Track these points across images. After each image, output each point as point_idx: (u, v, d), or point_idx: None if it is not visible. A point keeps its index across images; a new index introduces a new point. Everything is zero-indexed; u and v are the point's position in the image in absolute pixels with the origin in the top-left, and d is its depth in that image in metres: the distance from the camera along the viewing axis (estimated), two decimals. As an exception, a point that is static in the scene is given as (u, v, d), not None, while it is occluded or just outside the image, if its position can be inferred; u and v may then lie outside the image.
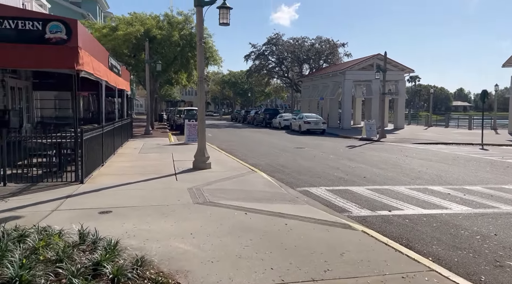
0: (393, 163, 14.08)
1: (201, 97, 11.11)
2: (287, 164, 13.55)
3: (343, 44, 52.99)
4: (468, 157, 16.39)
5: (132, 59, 29.04)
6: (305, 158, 15.28)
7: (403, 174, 11.55)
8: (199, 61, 10.99)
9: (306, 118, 31.02)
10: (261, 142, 22.70)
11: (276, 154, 16.78)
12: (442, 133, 30.50)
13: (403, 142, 23.87)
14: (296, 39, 55.16)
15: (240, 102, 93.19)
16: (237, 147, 19.81)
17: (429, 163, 14.32)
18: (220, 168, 11.40)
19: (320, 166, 13.10)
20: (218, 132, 32.39)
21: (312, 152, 17.50)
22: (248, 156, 15.80)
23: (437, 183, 10.22)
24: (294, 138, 25.95)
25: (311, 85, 45.00)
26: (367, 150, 19.05)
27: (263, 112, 43.03)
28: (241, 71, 78.05)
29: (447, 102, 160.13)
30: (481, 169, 12.77)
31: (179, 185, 8.76)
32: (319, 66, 53.87)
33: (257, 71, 57.61)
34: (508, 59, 30.37)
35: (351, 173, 11.79)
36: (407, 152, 18.28)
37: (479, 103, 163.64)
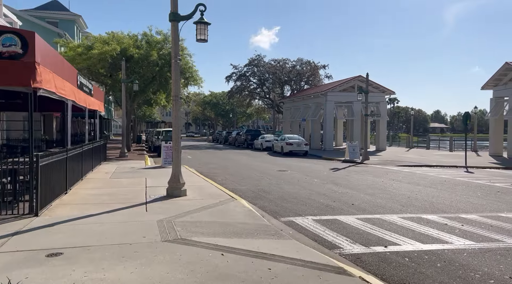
0: (380, 188, 13.40)
1: (176, 116, 10.23)
2: (270, 189, 12.69)
3: (324, 66, 53.39)
4: (455, 180, 15.90)
5: (109, 79, 28.00)
6: (289, 182, 14.47)
7: (393, 201, 10.84)
8: (174, 79, 10.18)
9: (289, 139, 30.41)
10: (242, 164, 21.83)
11: (258, 177, 15.92)
12: (424, 155, 30.31)
13: (387, 164, 23.41)
14: (277, 61, 55.28)
15: (221, 123, 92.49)
16: (217, 170, 18.87)
17: (418, 187, 13.71)
18: (197, 195, 10.44)
19: (305, 191, 12.29)
20: (198, 154, 31.37)
21: (295, 175, 16.72)
22: (229, 180, 14.88)
23: (430, 210, 9.53)
24: (276, 161, 25.18)
25: (293, 106, 44.73)
26: (351, 173, 18.40)
27: (245, 133, 42.31)
28: (222, 92, 77.69)
29: (424, 124, 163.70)
30: (472, 194, 12.20)
31: (148, 217, 7.76)
32: (300, 88, 53.90)
33: (239, 92, 57.23)
34: (487, 81, 30.75)
35: (338, 199, 11.01)
36: (392, 175, 17.71)
37: (455, 124, 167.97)
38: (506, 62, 28.15)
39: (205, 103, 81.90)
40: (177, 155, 10.34)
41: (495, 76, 29.75)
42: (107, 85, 29.83)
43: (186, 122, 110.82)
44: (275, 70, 53.27)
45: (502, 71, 28.93)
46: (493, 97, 30.66)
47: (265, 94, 56.91)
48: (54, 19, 40.73)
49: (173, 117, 10.23)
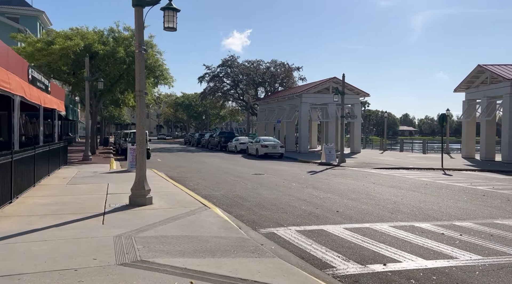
0: (363, 192, 12.63)
1: (141, 114, 9.03)
2: (246, 195, 11.65)
3: (298, 68, 52.96)
4: (436, 183, 15.40)
5: (72, 77, 26.19)
6: (266, 187, 13.48)
7: (379, 206, 10.04)
8: (138, 72, 8.98)
9: (264, 142, 29.49)
10: (216, 168, 20.69)
11: (233, 182, 14.85)
12: (399, 158, 30.13)
13: (364, 166, 22.87)
14: (251, 62, 54.43)
15: (194, 125, 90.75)
16: (189, 174, 17.66)
17: (401, 191, 13.04)
18: (165, 203, 9.27)
19: (285, 197, 11.33)
20: (169, 156, 29.94)
21: (272, 179, 15.76)
22: (201, 185, 13.74)
23: (421, 218, 8.77)
24: (251, 163, 24.18)
25: (267, 108, 43.93)
26: (330, 176, 17.64)
27: (218, 135, 41.12)
28: (195, 94, 76.11)
29: (394, 127, 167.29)
30: (459, 198, 11.61)
31: (104, 231, 6.55)
32: (274, 90, 53.24)
33: (212, 94, 55.95)
34: (459, 84, 30.97)
35: (320, 205, 10.11)
36: (372, 178, 17.07)
37: (423, 128, 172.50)
38: (478, 64, 28.36)
39: (177, 104, 79.99)
40: (141, 157, 9.13)
41: (467, 79, 29.96)
42: (70, 84, 27.95)
43: (157, 124, 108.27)
44: (249, 71, 52.36)
45: (475, 74, 29.15)
46: (465, 99, 30.88)
47: (239, 95, 55.88)
48: (14, 14, 38.25)
49: (137, 115, 9.02)
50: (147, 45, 25.73)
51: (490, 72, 27.09)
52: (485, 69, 27.71)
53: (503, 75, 25.58)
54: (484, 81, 28.78)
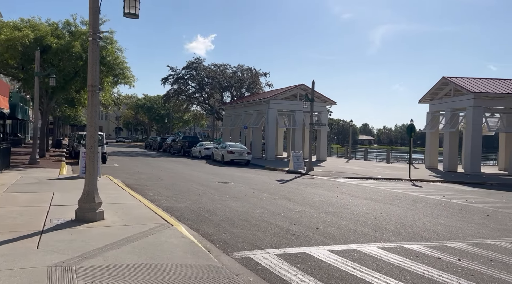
0: (339, 205, 11.80)
1: (93, 112, 7.64)
2: (214, 208, 10.45)
3: (265, 73, 52.33)
4: (410, 195, 14.90)
5: (21, 72, 23.84)
6: (235, 198, 12.34)
7: (360, 223, 9.18)
8: (92, 64, 7.61)
9: (230, 147, 28.33)
10: (179, 175, 19.27)
11: (198, 191, 13.58)
12: (365, 167, 29.96)
13: (332, 175, 22.28)
14: (218, 66, 53.20)
15: (155, 129, 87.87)
16: (149, 181, 16.17)
17: (377, 204, 12.33)
18: (119, 219, 7.91)
19: (257, 210, 10.24)
20: (128, 161, 28.04)
21: (241, 189, 14.64)
22: (163, 196, 12.38)
23: (409, 237, 7.97)
24: (217, 170, 22.93)
25: (233, 113, 42.82)
26: (301, 185, 16.77)
27: (182, 139, 39.46)
28: (157, 96, 73.61)
29: (354, 136, 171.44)
30: (438, 214, 11.02)
31: (37, 259, 5.16)
32: (241, 95, 52.27)
33: (176, 96, 54.08)
34: (423, 95, 31.36)
35: (297, 221, 9.11)
36: (344, 188, 16.37)
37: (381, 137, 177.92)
38: (443, 77, 28.79)
39: (138, 106, 77.03)
40: (92, 164, 7.74)
41: (431, 90, 30.37)
42: (20, 79, 25.50)
43: (116, 126, 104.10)
44: (216, 75, 51.08)
45: (439, 86, 29.58)
46: (429, 111, 31.30)
47: (204, 99, 54.36)
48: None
49: (89, 114, 7.64)
50: (107, 41, 23.95)
51: (454, 85, 27.53)
52: (449, 81, 28.16)
53: (467, 88, 26.01)
54: (448, 93, 29.27)
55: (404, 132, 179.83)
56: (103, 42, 24.13)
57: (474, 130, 25.67)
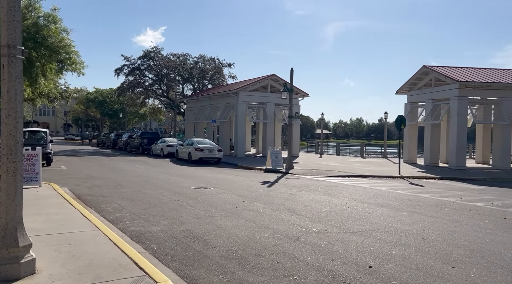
0: (359, 218, 9.24)
1: (11, 93, 4.39)
2: (204, 231, 7.47)
3: (230, 64, 49.16)
4: (425, 199, 12.71)
5: None
6: (225, 212, 9.41)
7: (414, 249, 6.64)
8: (7, 7, 4.34)
9: (198, 144, 25.15)
10: (142, 179, 15.96)
11: (173, 203, 10.49)
12: (343, 163, 27.95)
13: (316, 174, 19.90)
14: (178, 56, 49.31)
15: (108, 125, 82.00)
16: (106, 189, 12.80)
17: (402, 214, 9.93)
18: (62, 271, 4.78)
19: (263, 233, 7.40)
20: (78, 162, 24.07)
21: (226, 197, 11.70)
22: (127, 212, 9.20)
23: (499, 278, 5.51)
24: (186, 171, 19.76)
25: (197, 106, 39.41)
26: (292, 189, 14.11)
27: (140, 136, 35.59)
28: (110, 89, 68.15)
29: (312, 130, 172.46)
30: (486, 226, 8.78)
31: None
32: (203, 87, 48.79)
33: (131, 89, 49.57)
34: (401, 86, 29.80)
35: (330, 251, 6.39)
36: (342, 191, 13.93)
37: (337, 131, 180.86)
38: (424, 65, 27.28)
39: (89, 101, 70.98)
40: (13, 180, 4.52)
41: (410, 81, 28.85)
42: None
43: (65, 123, 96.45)
44: (176, 65, 47.18)
45: (419, 75, 28.09)
46: (407, 102, 29.83)
47: (163, 92, 50.23)
48: None
49: (3, 94, 4.39)
50: (49, 19, 19.88)
51: (437, 74, 26.07)
52: (431, 70, 26.69)
53: (452, 77, 24.57)
54: (428, 83, 27.85)
55: (358, 125, 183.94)
56: (43, 20, 20.04)
57: (459, 122, 24.30)
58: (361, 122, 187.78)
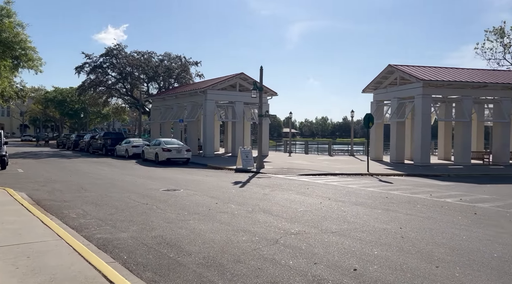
0: (335, 217, 9.10)
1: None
2: (177, 237, 7.02)
3: (196, 62, 48.22)
4: (396, 196, 12.83)
5: None
6: (198, 215, 8.98)
7: (395, 249, 6.53)
8: None
9: (166, 145, 24.39)
10: (107, 181, 15.17)
11: (142, 207, 9.92)
12: (312, 161, 28.08)
13: (287, 173, 19.80)
14: (142, 53, 47.84)
15: (69, 125, 78.70)
16: (67, 193, 12.00)
17: (377, 211, 9.90)
18: (22, 289, 4.23)
19: (241, 236, 7.05)
20: (36, 165, 22.70)
21: (198, 199, 11.25)
22: (92, 218, 8.58)
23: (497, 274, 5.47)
24: (154, 173, 19.05)
25: (163, 105, 38.39)
26: (265, 188, 13.85)
27: (103, 137, 34.20)
28: (70, 88, 65.34)
29: (279, 129, 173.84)
30: (459, 222, 8.87)
31: None
32: (169, 85, 47.65)
33: (93, 88, 47.64)
34: (368, 84, 30.30)
35: (312, 254, 6.14)
36: (315, 189, 13.83)
37: (303, 130, 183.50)
38: (389, 64, 27.82)
39: (48, 100, 67.68)
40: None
41: (376, 79, 29.38)
42: None
43: (21, 123, 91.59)
44: (140, 63, 45.75)
45: (384, 74, 28.63)
46: (373, 101, 30.37)
47: (127, 91, 48.59)
48: None
49: None
50: (2, 12, 18.55)
51: (402, 73, 26.66)
52: (396, 69, 27.26)
53: (416, 76, 25.19)
54: (393, 82, 28.46)
55: (324, 124, 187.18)
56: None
57: (424, 120, 24.97)
58: (326, 121, 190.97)
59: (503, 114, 25.99)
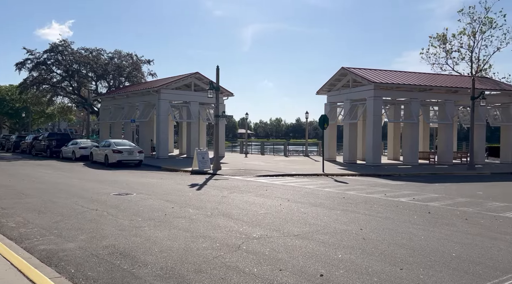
0: (296, 220, 8.98)
1: None
2: (131, 246, 6.51)
3: (149, 61, 46.65)
4: (353, 196, 13.03)
5: None
6: (154, 220, 8.46)
7: (358, 252, 6.47)
8: None
9: (116, 146, 23.26)
10: (52, 186, 14.08)
11: (92, 213, 9.21)
12: (268, 162, 28.11)
13: (245, 174, 19.59)
14: (90, 50, 45.54)
15: (9, 126, 73.28)
16: (6, 200, 10.95)
17: (336, 212, 9.91)
18: None
19: (200, 243, 6.67)
20: (-31, 169, 20.71)
21: (152, 203, 10.68)
22: (35, 226, 7.80)
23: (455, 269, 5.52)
24: (104, 176, 18.04)
25: (113, 105, 36.72)
26: (223, 191, 13.51)
27: (47, 138, 32.09)
28: (11, 86, 60.87)
29: (234, 130, 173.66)
30: (415, 222, 9.08)
31: None
32: (119, 84, 45.73)
33: (36, 86, 44.60)
34: (321, 86, 30.84)
35: (275, 259, 5.91)
36: (274, 191, 13.71)
37: (258, 131, 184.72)
38: (342, 67, 28.48)
39: (-16, 99, 62.54)
40: None
41: (330, 82, 29.98)
42: None
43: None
44: (88, 60, 43.48)
45: (338, 76, 29.28)
46: (327, 102, 30.96)
47: (73, 89, 45.96)
48: None
49: None
50: None
51: (354, 75, 27.37)
52: (349, 71, 27.95)
53: (368, 78, 25.97)
54: (346, 84, 29.17)
55: (278, 125, 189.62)
56: None
57: (375, 121, 25.78)
58: (280, 122, 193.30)
59: (447, 116, 27.48)
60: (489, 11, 37.69)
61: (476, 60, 39.39)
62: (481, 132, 28.33)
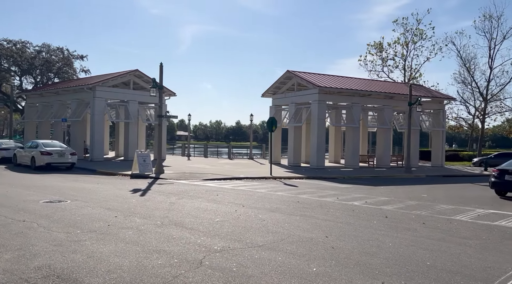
0: (256, 227, 8.37)
1: None
2: (70, 265, 5.43)
3: (82, 56, 43.44)
4: (307, 200, 12.72)
5: None
6: (96, 233, 7.34)
7: (332, 263, 6.01)
8: None
9: (45, 147, 20.98)
10: (-35, 194, 12.05)
11: (16, 225, 7.81)
12: (213, 165, 27.28)
13: (190, 178, 18.65)
14: (14, 43, 41.35)
15: None
16: None
17: (295, 218, 9.46)
18: None
19: (155, 260, 5.78)
20: None
21: (91, 212, 9.42)
22: None
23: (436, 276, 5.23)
24: (31, 180, 16.03)
25: (41, 103, 33.47)
26: (170, 196, 12.50)
27: (-40, 137, 28.25)
28: None
29: (172, 132, 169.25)
30: (377, 227, 8.91)
31: None
32: (48, 80, 42.02)
33: None
34: (267, 89, 30.67)
35: (244, 277, 5.23)
36: (225, 196, 13.00)
37: (197, 133, 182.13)
38: (287, 70, 28.53)
39: None
40: None
41: (275, 84, 29.93)
42: None
43: None
44: (11, 53, 39.36)
45: (283, 80, 29.30)
46: (272, 105, 30.85)
47: (-7, 84, 41.44)
48: None
49: None
50: None
51: (299, 79, 27.54)
52: (294, 75, 28.08)
53: (313, 82, 26.22)
54: (291, 87, 29.26)
55: (218, 128, 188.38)
56: None
57: (319, 125, 26.08)
58: (220, 124, 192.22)
59: (385, 121, 28.65)
60: (420, 23, 40.32)
61: (409, 69, 41.92)
62: (416, 137, 29.94)
